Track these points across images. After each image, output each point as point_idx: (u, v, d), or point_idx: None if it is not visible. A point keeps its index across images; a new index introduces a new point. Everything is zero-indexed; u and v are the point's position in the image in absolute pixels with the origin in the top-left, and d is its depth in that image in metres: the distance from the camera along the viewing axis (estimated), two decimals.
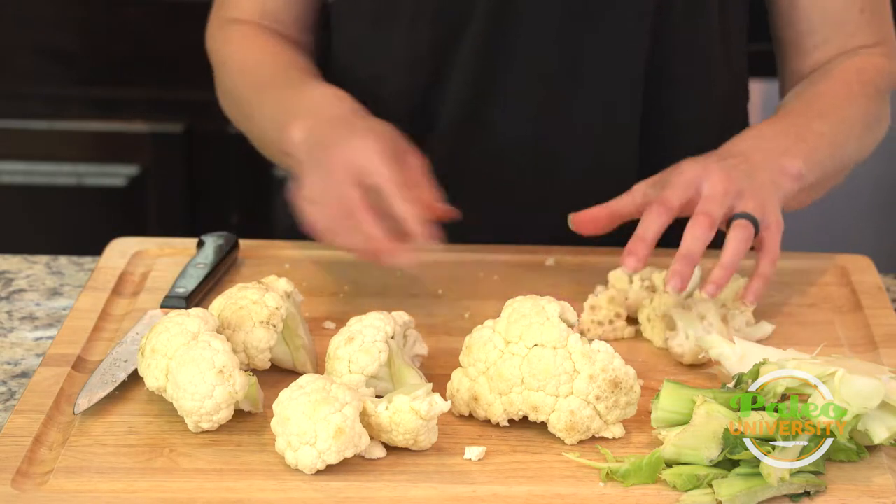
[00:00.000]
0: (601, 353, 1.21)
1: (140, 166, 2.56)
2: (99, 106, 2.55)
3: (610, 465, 1.18)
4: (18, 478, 1.17)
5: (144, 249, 1.54)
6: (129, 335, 1.34)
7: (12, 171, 2.58)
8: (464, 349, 1.25)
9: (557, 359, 1.20)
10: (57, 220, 2.62)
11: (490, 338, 1.23)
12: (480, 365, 1.23)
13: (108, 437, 1.22)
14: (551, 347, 1.20)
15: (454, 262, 1.51)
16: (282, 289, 1.33)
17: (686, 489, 1.16)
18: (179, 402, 1.21)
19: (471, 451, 1.20)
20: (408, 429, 1.18)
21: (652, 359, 1.36)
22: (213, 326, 1.25)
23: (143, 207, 2.59)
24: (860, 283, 1.49)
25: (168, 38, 2.51)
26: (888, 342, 1.38)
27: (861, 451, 1.20)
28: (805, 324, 1.42)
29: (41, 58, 2.52)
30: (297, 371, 1.31)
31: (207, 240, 1.50)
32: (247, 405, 1.24)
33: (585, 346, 1.21)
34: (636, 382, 1.22)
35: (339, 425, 1.15)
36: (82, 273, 1.54)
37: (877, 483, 1.18)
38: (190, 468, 1.19)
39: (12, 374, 1.36)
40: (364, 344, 1.24)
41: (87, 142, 2.55)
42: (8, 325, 1.44)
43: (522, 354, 1.21)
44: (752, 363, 1.23)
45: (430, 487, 1.17)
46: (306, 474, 1.17)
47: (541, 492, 1.16)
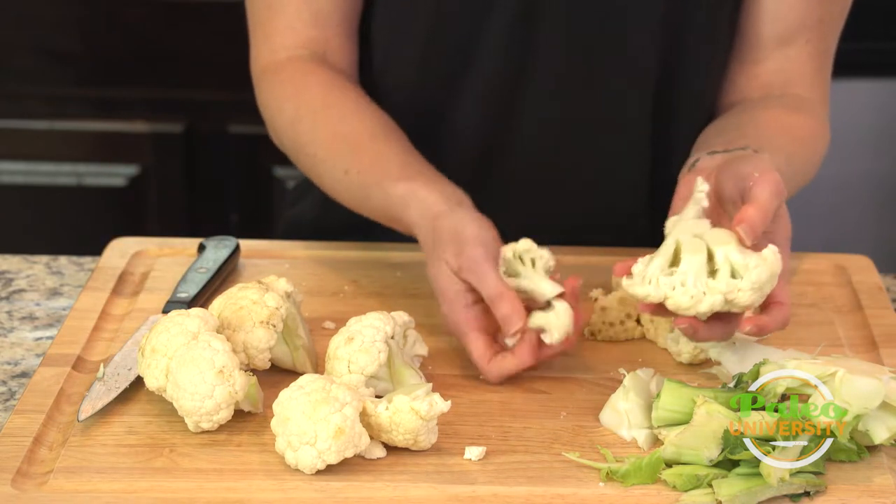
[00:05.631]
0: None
1: (140, 166, 2.56)
2: (99, 106, 2.55)
3: (610, 465, 1.18)
4: (18, 478, 1.17)
5: (144, 249, 1.54)
6: (132, 340, 1.34)
7: (12, 171, 2.58)
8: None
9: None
10: (57, 220, 2.62)
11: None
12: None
13: (108, 437, 1.22)
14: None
15: None
16: (282, 289, 1.33)
17: (686, 489, 1.16)
18: (179, 402, 1.21)
19: (471, 451, 1.21)
20: (408, 429, 1.18)
21: (654, 359, 1.36)
22: (213, 326, 1.25)
23: (143, 207, 2.59)
24: (860, 283, 1.49)
25: (168, 38, 2.51)
26: (888, 342, 1.38)
27: (861, 451, 1.20)
28: (805, 324, 1.42)
29: (41, 58, 2.52)
30: (297, 371, 1.31)
31: (209, 244, 1.50)
32: (247, 405, 1.24)
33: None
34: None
35: (339, 425, 1.15)
36: (82, 273, 1.54)
37: (877, 483, 1.18)
38: (190, 468, 1.19)
39: (12, 374, 1.36)
40: (364, 344, 1.25)
41: (87, 142, 2.56)
42: (8, 325, 1.44)
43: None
44: (752, 363, 1.23)
45: (430, 487, 1.17)
46: (306, 474, 1.17)
47: (541, 492, 1.16)
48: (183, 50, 2.51)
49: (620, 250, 1.54)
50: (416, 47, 1.54)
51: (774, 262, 1.22)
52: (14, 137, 2.55)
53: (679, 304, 1.22)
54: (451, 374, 1.32)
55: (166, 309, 1.38)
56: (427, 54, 1.54)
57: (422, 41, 1.54)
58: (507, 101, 1.54)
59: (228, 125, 2.53)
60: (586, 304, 1.43)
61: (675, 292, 1.22)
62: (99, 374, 1.29)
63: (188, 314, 1.25)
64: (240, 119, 2.50)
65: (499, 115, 1.55)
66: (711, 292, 1.21)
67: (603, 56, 1.52)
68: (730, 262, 1.22)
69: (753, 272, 1.21)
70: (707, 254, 1.23)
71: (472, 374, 1.32)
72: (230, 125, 2.52)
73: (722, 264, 1.22)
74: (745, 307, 1.22)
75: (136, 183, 2.57)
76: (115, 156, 2.57)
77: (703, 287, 1.22)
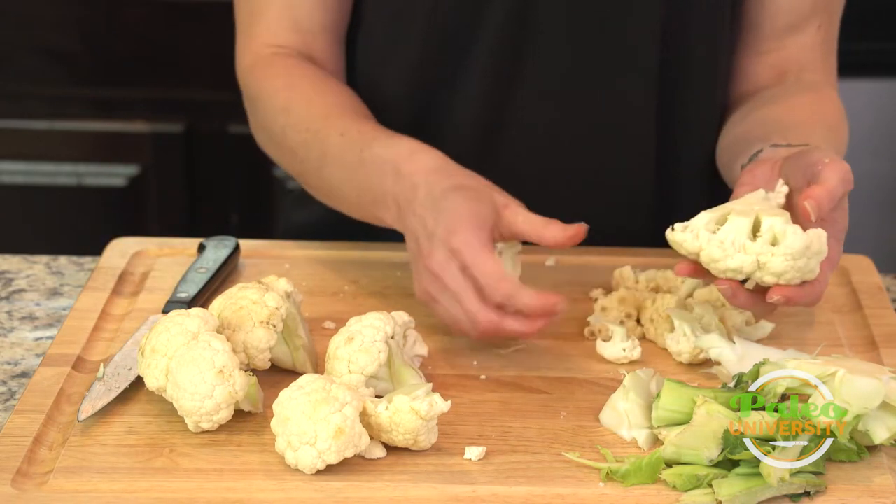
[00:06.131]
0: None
1: (140, 166, 2.56)
2: (99, 106, 2.55)
3: (610, 465, 1.18)
4: (18, 478, 1.17)
5: (144, 249, 1.54)
6: (132, 340, 1.34)
7: (12, 171, 2.57)
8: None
9: None
10: (57, 220, 2.62)
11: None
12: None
13: (108, 437, 1.22)
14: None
15: None
16: (282, 289, 1.33)
17: (686, 489, 1.16)
18: (179, 402, 1.21)
19: (471, 451, 1.21)
20: (408, 429, 1.18)
21: (654, 359, 1.36)
22: (213, 326, 1.25)
23: (143, 207, 2.59)
24: (860, 283, 1.49)
25: (168, 38, 2.51)
26: (888, 342, 1.38)
27: (861, 451, 1.20)
28: (805, 324, 1.42)
29: (41, 58, 2.52)
30: (297, 371, 1.31)
31: (209, 244, 1.50)
32: (247, 405, 1.24)
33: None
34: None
35: (339, 425, 1.15)
36: (82, 273, 1.54)
37: (877, 483, 1.18)
38: (190, 468, 1.19)
39: (12, 374, 1.36)
40: (364, 344, 1.25)
41: (87, 142, 2.55)
42: (8, 325, 1.44)
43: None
44: (752, 363, 1.23)
45: (430, 487, 1.17)
46: (306, 474, 1.17)
47: (541, 492, 1.16)
48: (183, 50, 2.51)
49: (621, 250, 1.54)
50: (413, 50, 1.54)
51: (816, 240, 1.23)
52: (14, 137, 2.55)
53: (711, 256, 1.24)
54: (451, 374, 1.32)
55: (166, 309, 1.38)
56: (423, 57, 1.54)
57: (419, 44, 1.54)
58: (504, 100, 1.54)
59: (228, 125, 2.53)
60: (586, 304, 1.43)
61: (710, 245, 1.24)
62: (99, 374, 1.29)
63: (188, 314, 1.25)
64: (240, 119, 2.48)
65: (496, 115, 1.55)
66: (745, 251, 1.23)
67: (603, 56, 1.52)
68: (773, 230, 1.24)
69: (790, 238, 1.22)
70: (756, 222, 1.25)
71: (472, 374, 1.32)
72: (230, 125, 2.52)
73: (765, 231, 1.24)
74: (777, 275, 1.23)
75: (136, 183, 2.57)
76: (115, 156, 2.57)
77: (740, 247, 1.24)
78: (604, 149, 1.57)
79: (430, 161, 1.35)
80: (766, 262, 1.23)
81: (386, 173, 1.36)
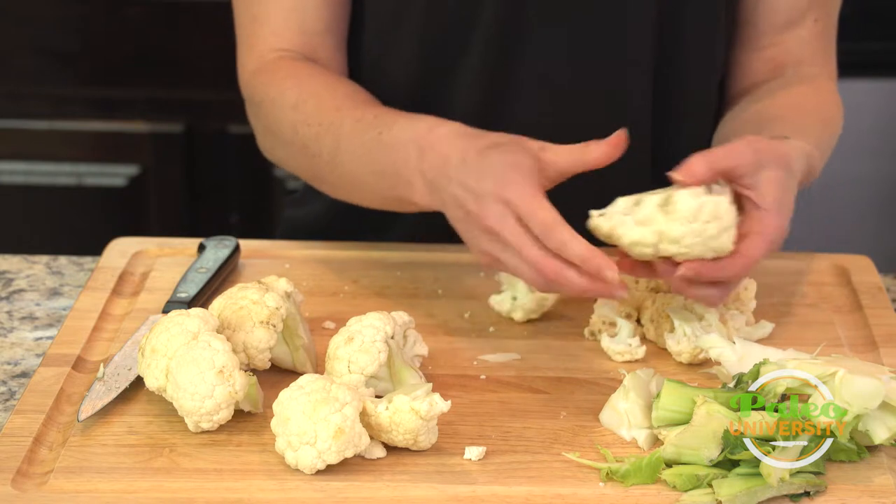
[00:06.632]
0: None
1: (140, 166, 2.56)
2: (99, 106, 2.55)
3: (610, 465, 1.18)
4: (18, 478, 1.17)
5: (144, 249, 1.54)
6: (132, 340, 1.34)
7: (12, 171, 2.58)
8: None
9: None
10: (57, 220, 2.62)
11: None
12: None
13: (108, 437, 1.22)
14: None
15: (454, 263, 1.51)
16: (282, 289, 1.33)
17: (686, 489, 1.16)
18: (179, 402, 1.21)
19: (471, 451, 1.21)
20: (408, 429, 1.18)
21: (654, 359, 1.36)
22: (213, 326, 1.25)
23: (143, 207, 2.59)
24: (860, 283, 1.49)
25: (168, 38, 2.51)
26: (888, 342, 1.38)
27: (861, 451, 1.20)
28: (805, 324, 1.42)
29: (41, 58, 2.52)
30: (297, 371, 1.31)
31: (209, 244, 1.50)
32: (247, 405, 1.24)
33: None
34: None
35: (339, 425, 1.15)
36: (82, 273, 1.54)
37: (877, 483, 1.18)
38: (190, 468, 1.19)
39: (12, 374, 1.36)
40: (364, 344, 1.25)
41: (87, 142, 2.56)
42: (8, 325, 1.44)
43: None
44: (752, 363, 1.23)
45: (430, 487, 1.17)
46: (306, 474, 1.17)
47: (541, 492, 1.16)
48: (183, 50, 2.51)
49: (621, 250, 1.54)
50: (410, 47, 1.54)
51: (711, 204, 1.23)
52: (14, 137, 2.56)
53: (618, 234, 1.25)
54: (451, 374, 1.33)
55: (166, 309, 1.38)
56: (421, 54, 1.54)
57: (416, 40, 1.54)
58: (500, 96, 1.54)
59: (228, 125, 2.53)
60: (586, 304, 1.43)
61: (620, 224, 1.25)
62: (99, 374, 1.29)
63: (188, 314, 1.25)
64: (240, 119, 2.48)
65: (493, 110, 1.55)
66: (646, 225, 1.24)
67: (600, 53, 1.52)
68: (673, 200, 1.24)
69: (681, 202, 1.23)
70: (668, 199, 1.25)
71: (472, 374, 1.32)
72: (230, 125, 2.52)
73: (669, 203, 1.25)
74: (675, 241, 1.23)
75: (136, 183, 2.57)
76: (115, 156, 2.57)
77: (642, 220, 1.25)
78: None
79: (452, 131, 1.34)
80: (665, 231, 1.23)
81: (409, 152, 1.35)
